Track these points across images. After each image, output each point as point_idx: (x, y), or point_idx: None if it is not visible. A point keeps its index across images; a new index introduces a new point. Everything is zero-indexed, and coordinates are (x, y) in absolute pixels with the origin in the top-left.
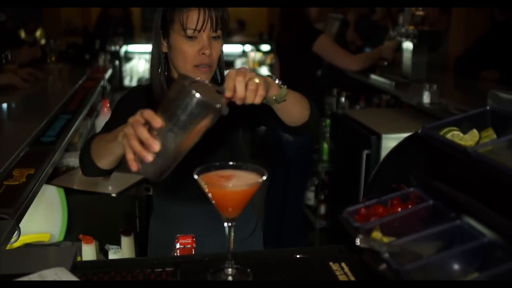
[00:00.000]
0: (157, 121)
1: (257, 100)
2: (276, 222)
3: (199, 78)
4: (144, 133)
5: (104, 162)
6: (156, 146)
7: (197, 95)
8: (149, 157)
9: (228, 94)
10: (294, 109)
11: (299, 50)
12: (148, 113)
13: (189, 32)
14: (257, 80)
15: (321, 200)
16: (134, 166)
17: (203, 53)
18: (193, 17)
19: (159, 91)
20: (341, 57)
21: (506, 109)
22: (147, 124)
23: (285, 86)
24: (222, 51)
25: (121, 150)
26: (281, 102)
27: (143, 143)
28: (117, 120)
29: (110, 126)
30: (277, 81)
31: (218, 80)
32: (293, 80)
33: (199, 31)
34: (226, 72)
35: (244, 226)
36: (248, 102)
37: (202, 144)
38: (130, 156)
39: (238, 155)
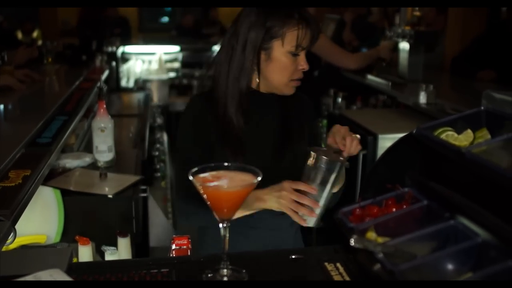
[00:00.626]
0: (313, 189)
1: (355, 153)
2: None
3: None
4: (306, 200)
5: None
6: (318, 206)
7: (337, 163)
8: (314, 215)
9: (345, 154)
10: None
11: None
12: (302, 186)
13: (294, 49)
14: (358, 137)
15: None
16: (303, 222)
17: (301, 69)
18: (301, 35)
19: (239, 99)
20: (339, 56)
21: (501, 110)
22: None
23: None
24: None
25: (256, 210)
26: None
27: (304, 204)
28: (196, 142)
29: (192, 152)
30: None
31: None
32: None
33: (300, 48)
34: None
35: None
36: (349, 154)
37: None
38: (296, 217)
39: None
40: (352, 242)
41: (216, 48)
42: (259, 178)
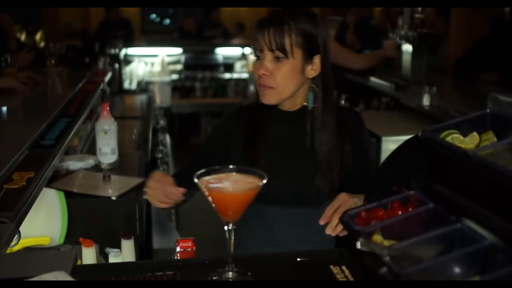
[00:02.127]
0: None
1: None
2: None
3: None
4: None
5: None
6: None
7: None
8: None
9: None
10: None
11: None
12: None
13: (254, 52)
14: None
15: None
16: None
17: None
18: (258, 38)
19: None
20: (345, 56)
21: (506, 112)
22: None
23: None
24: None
25: None
26: None
27: None
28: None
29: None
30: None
31: (312, 103)
32: None
33: (260, 51)
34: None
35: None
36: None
37: None
38: None
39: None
40: (358, 245)
41: (218, 50)
42: (265, 181)
